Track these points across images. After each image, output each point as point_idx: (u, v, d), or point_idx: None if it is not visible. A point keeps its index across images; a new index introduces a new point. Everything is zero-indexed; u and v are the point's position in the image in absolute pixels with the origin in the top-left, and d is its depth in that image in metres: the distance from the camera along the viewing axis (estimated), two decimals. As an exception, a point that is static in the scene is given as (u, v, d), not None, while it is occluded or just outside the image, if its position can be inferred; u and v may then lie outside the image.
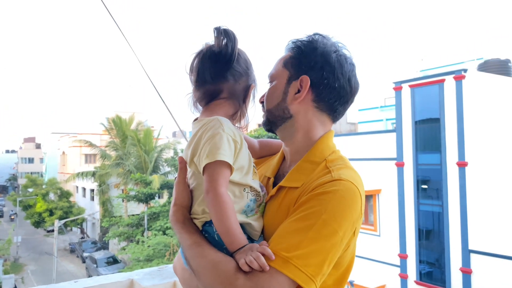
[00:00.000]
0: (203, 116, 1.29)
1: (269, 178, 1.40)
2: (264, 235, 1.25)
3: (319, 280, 1.05)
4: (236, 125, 1.33)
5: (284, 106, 1.33)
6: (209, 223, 1.20)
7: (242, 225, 1.19)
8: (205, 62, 1.29)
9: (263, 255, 1.04)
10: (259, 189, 1.29)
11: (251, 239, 1.21)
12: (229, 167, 1.16)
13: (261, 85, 1.45)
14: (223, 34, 1.27)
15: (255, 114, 1.41)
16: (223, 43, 1.27)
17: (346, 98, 1.33)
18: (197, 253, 1.13)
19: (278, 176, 1.38)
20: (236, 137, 1.21)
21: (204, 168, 1.15)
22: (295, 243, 1.05)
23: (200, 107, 1.34)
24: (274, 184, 1.35)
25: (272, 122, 1.38)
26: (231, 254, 1.09)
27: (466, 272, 12.52)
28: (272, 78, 1.38)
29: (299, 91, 1.31)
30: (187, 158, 1.25)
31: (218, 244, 1.14)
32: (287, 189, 1.26)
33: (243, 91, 1.33)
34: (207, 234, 1.19)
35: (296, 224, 1.09)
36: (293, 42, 1.37)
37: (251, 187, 1.25)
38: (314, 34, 1.36)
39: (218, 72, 1.28)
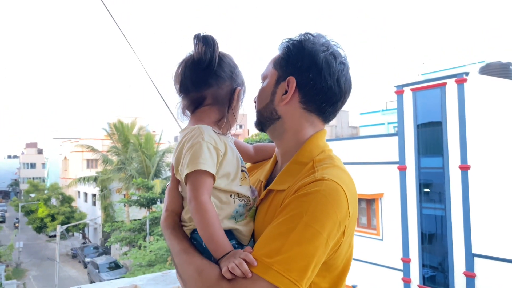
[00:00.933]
0: (189, 125, 1.30)
1: (262, 182, 1.40)
2: (254, 240, 1.25)
3: (305, 285, 1.03)
4: (226, 132, 1.34)
5: (272, 107, 1.33)
6: (195, 230, 1.20)
7: (230, 231, 1.21)
8: (186, 71, 1.30)
9: (246, 261, 1.03)
10: (248, 194, 1.28)
11: (241, 245, 1.21)
12: (211, 175, 1.16)
13: (256, 86, 1.45)
14: (202, 40, 1.27)
15: (243, 118, 1.44)
16: (202, 50, 1.27)
17: (335, 99, 1.30)
18: (184, 260, 1.14)
19: (270, 180, 1.37)
20: (218, 144, 1.21)
21: (185, 177, 1.16)
22: (276, 248, 1.04)
23: (188, 114, 1.34)
24: (265, 188, 1.34)
25: (262, 123, 1.38)
26: (217, 262, 1.10)
27: (470, 276, 12.45)
28: (263, 78, 1.39)
29: (286, 92, 1.30)
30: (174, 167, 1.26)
31: (205, 251, 1.15)
32: (275, 192, 1.25)
33: (227, 96, 1.32)
34: (195, 242, 1.19)
35: (278, 228, 1.08)
36: (285, 42, 1.36)
37: (238, 193, 1.25)
38: (306, 34, 1.34)
39: (199, 79, 1.29)
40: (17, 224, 42.49)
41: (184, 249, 1.17)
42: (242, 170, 1.32)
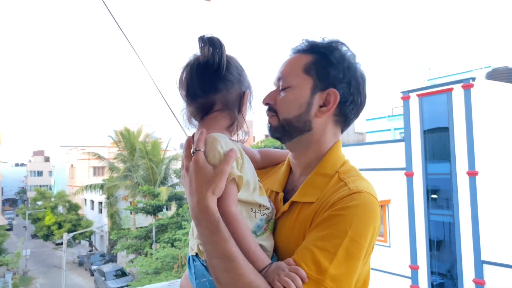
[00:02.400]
0: None
1: (277, 193, 1.33)
2: (278, 254, 1.19)
3: None
4: (234, 137, 1.26)
5: (307, 119, 1.26)
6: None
7: None
8: (193, 75, 1.20)
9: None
10: (268, 205, 1.21)
11: None
12: (235, 184, 1.09)
13: (258, 86, 1.39)
14: (208, 43, 1.18)
15: (253, 123, 1.38)
16: (209, 53, 1.18)
17: (361, 112, 1.32)
18: (232, 268, 1.00)
19: (287, 191, 1.32)
20: (237, 152, 1.14)
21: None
22: (325, 264, 1.01)
23: (195, 123, 1.25)
24: (285, 199, 1.28)
25: (287, 132, 1.28)
26: None
27: (479, 284, 12.30)
28: (287, 82, 1.28)
29: (324, 104, 1.26)
30: None
31: (201, 274, 1.10)
32: (301, 204, 1.21)
33: (237, 100, 1.23)
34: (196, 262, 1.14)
35: (322, 242, 1.05)
36: (311, 44, 1.30)
37: (260, 205, 1.18)
38: (337, 42, 1.29)
39: (207, 84, 1.19)
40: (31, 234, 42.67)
41: (232, 254, 1.01)
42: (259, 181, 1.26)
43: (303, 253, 1.06)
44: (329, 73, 1.24)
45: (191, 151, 1.12)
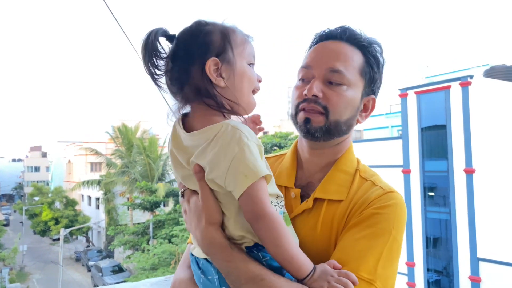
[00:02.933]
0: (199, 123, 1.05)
1: (287, 188, 1.23)
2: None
3: None
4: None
5: (352, 123, 1.21)
6: (250, 248, 1.00)
7: None
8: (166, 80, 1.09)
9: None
10: (281, 194, 1.08)
11: None
12: (264, 180, 0.96)
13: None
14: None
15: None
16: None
17: None
18: (266, 286, 0.92)
19: (300, 186, 1.22)
20: (258, 139, 1.00)
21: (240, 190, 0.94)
22: (373, 263, 0.99)
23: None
24: (302, 196, 1.20)
25: (330, 134, 1.17)
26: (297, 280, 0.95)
27: (475, 281, 12.36)
28: (346, 78, 1.16)
29: (363, 110, 1.24)
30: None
31: (275, 270, 0.97)
32: (327, 201, 1.14)
33: (201, 77, 1.01)
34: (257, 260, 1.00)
35: (366, 241, 1.02)
36: (361, 41, 1.20)
37: (277, 196, 1.06)
38: (377, 44, 1.23)
39: (169, 80, 1.07)
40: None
41: (259, 274, 0.94)
42: None
43: (345, 253, 1.01)
44: (376, 79, 1.22)
45: (180, 194, 1.09)
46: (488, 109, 12.68)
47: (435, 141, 13.82)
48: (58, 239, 28.90)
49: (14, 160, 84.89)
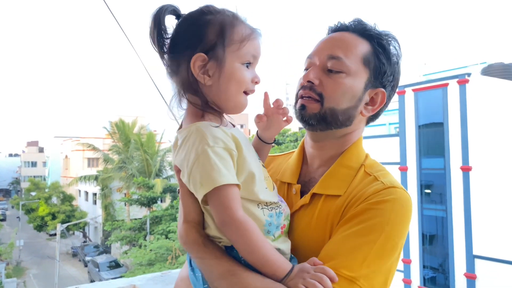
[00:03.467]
0: (185, 122, 1.05)
1: (289, 185, 1.21)
2: (296, 251, 1.07)
3: None
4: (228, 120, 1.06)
5: (352, 114, 1.15)
6: (229, 247, 1.00)
7: None
8: None
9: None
10: (277, 200, 1.06)
11: None
12: (236, 186, 0.93)
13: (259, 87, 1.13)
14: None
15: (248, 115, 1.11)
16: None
17: None
18: (235, 283, 0.92)
19: (301, 183, 1.20)
20: (227, 143, 0.95)
21: (204, 198, 0.94)
22: (358, 261, 0.92)
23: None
24: (302, 192, 1.17)
25: (326, 123, 1.14)
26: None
27: (471, 278, 12.42)
28: (345, 66, 1.12)
29: (369, 103, 1.18)
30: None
31: (252, 268, 0.95)
32: (324, 196, 1.10)
33: (186, 71, 1.00)
34: (235, 258, 0.99)
35: (355, 238, 0.95)
36: (369, 30, 1.16)
37: (267, 203, 1.03)
38: (393, 36, 1.17)
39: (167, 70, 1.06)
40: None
41: (229, 269, 0.94)
42: (263, 166, 1.11)
43: (332, 249, 0.97)
44: (385, 71, 1.15)
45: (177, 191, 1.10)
46: (485, 107, 12.71)
47: (432, 138, 13.85)
48: (55, 234, 28.87)
49: (10, 155, 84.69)
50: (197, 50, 0.97)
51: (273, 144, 1.22)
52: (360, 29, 1.16)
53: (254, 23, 1.07)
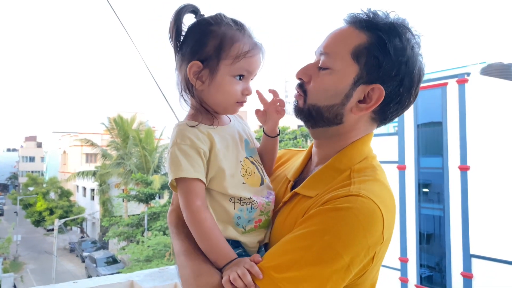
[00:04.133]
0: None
1: (289, 181, 1.22)
2: (270, 246, 1.09)
3: None
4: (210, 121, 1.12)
5: (339, 112, 1.10)
6: None
7: (236, 240, 1.08)
8: None
9: (250, 272, 0.92)
10: (251, 196, 1.10)
11: (248, 254, 1.07)
12: (197, 179, 1.04)
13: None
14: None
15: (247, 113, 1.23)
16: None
17: (405, 111, 1.14)
18: (182, 261, 1.04)
19: (299, 180, 1.20)
20: (197, 142, 1.05)
21: (172, 187, 1.09)
22: (287, 263, 0.91)
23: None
24: (293, 189, 1.17)
25: (312, 119, 1.13)
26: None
27: (467, 277, 12.47)
28: (329, 62, 1.09)
29: (364, 99, 1.09)
30: None
31: None
32: (301, 196, 1.10)
33: (184, 75, 1.12)
34: None
35: (294, 241, 0.95)
36: (370, 20, 1.07)
37: (240, 197, 1.09)
38: (402, 25, 1.07)
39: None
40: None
41: (184, 250, 1.05)
42: (252, 163, 1.16)
43: (274, 248, 0.99)
44: (381, 65, 1.05)
45: None
46: (484, 107, 12.72)
47: (431, 138, 13.87)
48: (53, 230, 28.88)
49: (9, 149, 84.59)
50: (196, 56, 1.07)
51: (277, 137, 1.27)
52: (362, 21, 1.08)
53: (255, 28, 1.12)
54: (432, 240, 13.98)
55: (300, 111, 1.15)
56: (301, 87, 1.14)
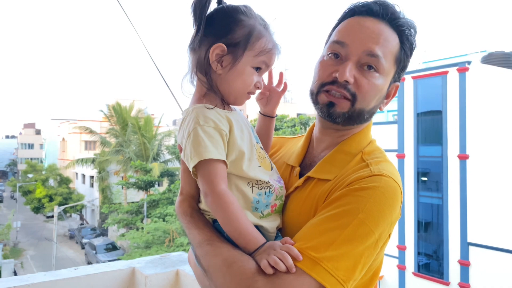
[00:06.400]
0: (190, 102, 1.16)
1: (292, 167, 1.24)
2: (285, 230, 1.13)
3: (350, 286, 0.93)
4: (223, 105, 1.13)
5: (375, 111, 1.18)
6: (215, 220, 1.10)
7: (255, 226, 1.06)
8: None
9: (289, 254, 0.92)
10: (267, 179, 1.12)
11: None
12: (221, 161, 1.02)
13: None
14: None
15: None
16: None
17: None
18: (209, 251, 1.01)
19: (304, 165, 1.23)
20: (219, 124, 1.05)
21: (193, 170, 1.04)
22: (326, 243, 0.92)
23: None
24: (301, 174, 1.20)
25: (352, 120, 1.15)
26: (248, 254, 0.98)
27: (464, 265, 12.57)
28: (382, 65, 1.10)
29: (387, 96, 1.19)
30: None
31: (232, 241, 1.02)
32: (316, 180, 1.13)
33: (204, 57, 1.10)
34: (219, 231, 1.07)
35: (328, 221, 0.97)
36: (400, 22, 1.12)
37: (258, 180, 1.10)
38: (414, 27, 1.15)
39: (189, 45, 1.15)
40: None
41: (207, 239, 1.03)
42: (261, 148, 1.19)
43: (305, 230, 0.99)
44: (407, 66, 1.16)
45: None
46: (485, 96, 12.69)
47: (430, 126, 13.86)
48: (52, 216, 29.01)
49: (7, 136, 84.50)
50: (221, 40, 1.07)
51: (275, 117, 1.32)
52: (394, 20, 1.11)
53: (278, 28, 1.15)
54: (430, 228, 14.07)
55: (341, 115, 1.12)
56: (349, 90, 1.10)
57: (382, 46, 1.09)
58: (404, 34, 1.12)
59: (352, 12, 1.16)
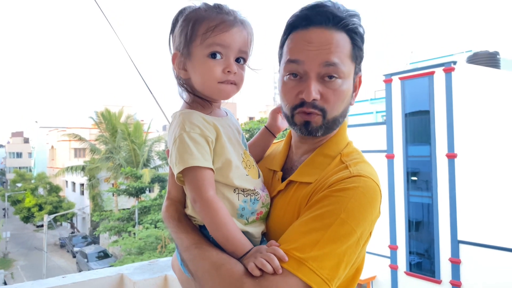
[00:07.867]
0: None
1: (274, 172, 1.26)
2: (270, 234, 1.15)
3: (334, 284, 0.96)
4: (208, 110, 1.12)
5: (347, 110, 1.19)
6: (201, 226, 1.10)
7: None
8: None
9: (275, 256, 0.94)
10: (253, 187, 1.12)
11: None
12: (208, 168, 1.02)
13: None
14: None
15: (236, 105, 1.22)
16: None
17: None
18: (196, 255, 1.02)
19: (285, 170, 1.25)
20: (205, 131, 1.04)
21: (179, 177, 1.04)
22: (310, 244, 0.95)
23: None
24: (283, 178, 1.21)
25: (328, 129, 1.17)
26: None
27: (455, 263, 12.68)
28: (340, 71, 1.10)
29: (354, 89, 1.20)
30: None
31: (219, 246, 1.03)
32: (298, 184, 1.15)
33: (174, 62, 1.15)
34: (206, 236, 1.08)
35: (311, 222, 0.99)
36: (352, 24, 1.12)
37: (244, 189, 1.10)
38: (358, 16, 1.15)
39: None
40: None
41: (195, 243, 1.04)
42: (250, 155, 1.20)
43: (290, 231, 1.01)
44: (362, 56, 1.17)
45: None
46: (471, 95, 12.84)
47: (418, 126, 13.98)
48: (42, 226, 28.65)
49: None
50: (174, 48, 1.12)
51: (276, 137, 1.37)
52: (338, 23, 1.10)
53: (243, 11, 1.11)
54: (421, 227, 14.17)
55: (318, 128, 1.14)
56: (317, 107, 1.11)
57: (336, 53, 1.08)
58: (352, 30, 1.11)
59: (293, 27, 1.14)
